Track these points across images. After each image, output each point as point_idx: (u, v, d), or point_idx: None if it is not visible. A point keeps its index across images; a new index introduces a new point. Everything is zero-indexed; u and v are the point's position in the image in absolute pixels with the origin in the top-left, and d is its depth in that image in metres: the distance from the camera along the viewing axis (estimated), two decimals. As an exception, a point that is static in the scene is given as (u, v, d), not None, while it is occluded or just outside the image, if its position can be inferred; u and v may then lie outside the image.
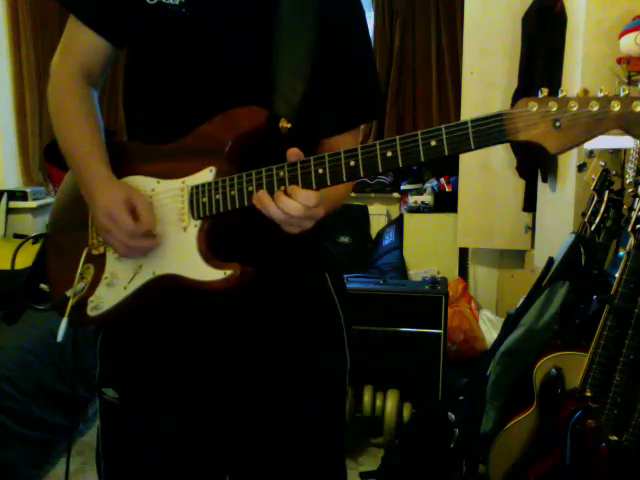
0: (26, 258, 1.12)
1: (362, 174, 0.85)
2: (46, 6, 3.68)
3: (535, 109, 0.77)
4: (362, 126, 1.32)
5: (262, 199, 0.88)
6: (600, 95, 0.75)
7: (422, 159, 0.81)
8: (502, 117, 0.78)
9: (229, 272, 0.91)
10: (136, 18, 0.99)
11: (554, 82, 2.55)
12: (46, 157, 3.77)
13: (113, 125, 3.78)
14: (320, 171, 0.86)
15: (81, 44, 1.04)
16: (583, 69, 2.30)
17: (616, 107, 0.74)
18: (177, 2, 0.97)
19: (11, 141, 3.74)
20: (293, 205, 0.86)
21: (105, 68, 1.08)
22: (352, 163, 0.85)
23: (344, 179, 0.86)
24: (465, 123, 0.79)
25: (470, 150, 0.80)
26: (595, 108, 0.75)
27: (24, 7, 3.66)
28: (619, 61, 2.18)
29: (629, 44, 2.06)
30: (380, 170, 0.84)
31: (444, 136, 0.80)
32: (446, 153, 0.80)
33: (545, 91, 0.77)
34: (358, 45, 1.09)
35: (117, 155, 1.02)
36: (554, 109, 0.76)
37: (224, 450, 1.10)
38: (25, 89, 3.71)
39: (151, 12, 0.98)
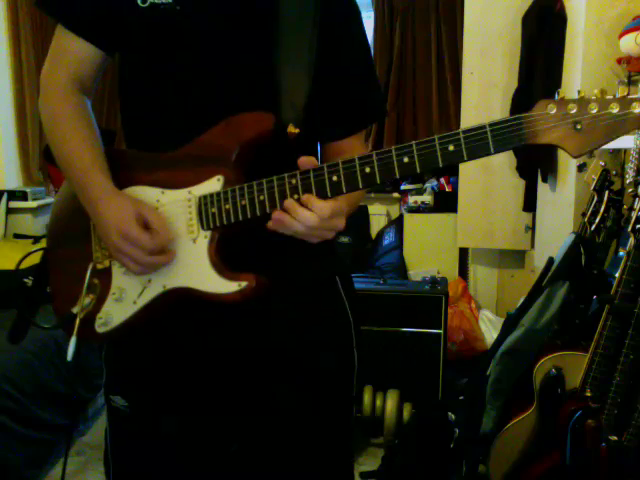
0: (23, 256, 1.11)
1: (378, 180, 0.83)
2: (46, 6, 3.69)
3: (554, 111, 0.76)
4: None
5: (283, 219, 0.86)
6: (619, 96, 0.74)
7: (440, 164, 0.80)
8: (521, 120, 0.77)
9: (244, 284, 0.89)
10: (129, 22, 0.97)
11: (554, 82, 2.55)
12: (46, 157, 3.76)
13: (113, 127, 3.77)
14: (335, 178, 0.84)
15: (71, 52, 1.01)
16: (583, 69, 2.30)
17: (637, 109, 0.73)
18: (170, 0, 0.94)
19: (11, 141, 3.73)
20: (308, 216, 0.84)
21: (97, 75, 1.05)
22: (367, 170, 0.83)
23: (360, 186, 0.84)
24: (483, 127, 0.78)
25: (489, 154, 0.79)
26: (615, 110, 0.74)
27: (24, 7, 3.65)
28: (619, 61, 2.18)
29: (629, 44, 2.06)
30: (397, 176, 0.82)
31: (462, 141, 0.78)
32: (465, 158, 0.79)
33: (562, 92, 0.76)
34: (358, 47, 1.08)
35: (116, 164, 0.98)
36: (574, 111, 0.75)
37: (231, 451, 1.10)
38: (25, 89, 3.71)
39: (144, 15, 0.95)
